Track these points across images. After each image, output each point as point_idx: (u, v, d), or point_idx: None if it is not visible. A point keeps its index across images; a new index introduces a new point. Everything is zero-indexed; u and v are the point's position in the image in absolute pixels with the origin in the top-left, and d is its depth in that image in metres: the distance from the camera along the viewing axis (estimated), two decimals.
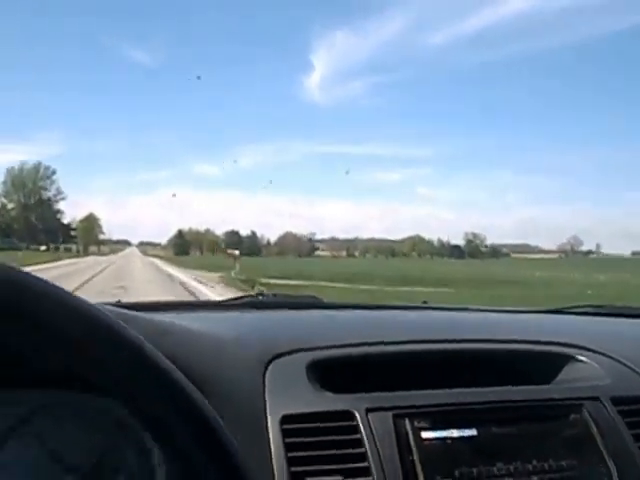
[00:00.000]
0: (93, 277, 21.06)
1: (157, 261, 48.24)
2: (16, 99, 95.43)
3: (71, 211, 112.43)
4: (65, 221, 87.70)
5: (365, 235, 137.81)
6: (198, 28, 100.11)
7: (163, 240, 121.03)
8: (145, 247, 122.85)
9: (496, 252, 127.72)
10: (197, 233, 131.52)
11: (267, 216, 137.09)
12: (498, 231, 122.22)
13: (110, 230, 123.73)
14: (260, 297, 1.53)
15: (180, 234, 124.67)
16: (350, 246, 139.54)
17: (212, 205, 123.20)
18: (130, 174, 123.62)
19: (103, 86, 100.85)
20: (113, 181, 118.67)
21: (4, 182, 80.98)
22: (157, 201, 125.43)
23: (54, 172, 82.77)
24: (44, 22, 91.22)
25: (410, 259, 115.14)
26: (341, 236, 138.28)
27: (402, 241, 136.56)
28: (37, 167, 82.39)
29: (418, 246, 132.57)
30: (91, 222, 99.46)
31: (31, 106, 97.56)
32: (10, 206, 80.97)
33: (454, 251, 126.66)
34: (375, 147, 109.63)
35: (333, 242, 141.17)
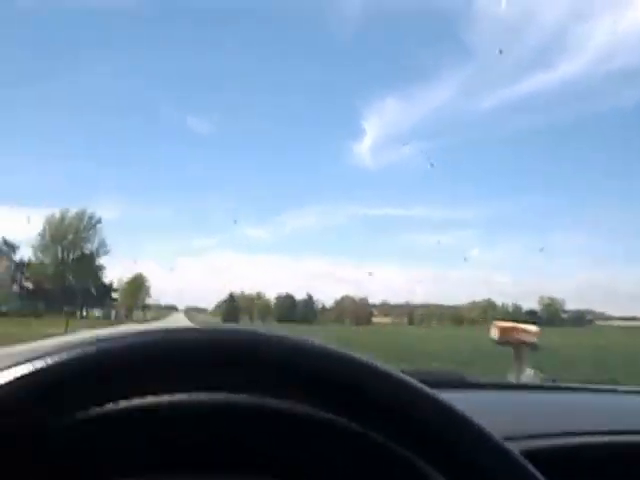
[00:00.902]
0: None
1: None
2: (74, 165, 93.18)
3: (116, 273, 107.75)
4: (106, 280, 76.42)
5: (416, 300, 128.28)
6: (251, 97, 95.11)
7: (210, 305, 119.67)
8: (192, 313, 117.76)
9: (580, 318, 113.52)
10: (248, 297, 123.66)
11: (315, 280, 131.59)
12: (558, 296, 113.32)
13: (159, 295, 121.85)
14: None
15: (232, 298, 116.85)
16: (411, 312, 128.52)
17: (260, 269, 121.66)
18: (181, 240, 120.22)
19: (157, 153, 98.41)
20: (164, 246, 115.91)
21: (41, 233, 67.86)
22: (205, 266, 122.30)
23: (99, 221, 69.09)
24: (102, 90, 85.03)
25: (482, 327, 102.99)
26: (392, 300, 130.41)
27: (468, 306, 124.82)
28: (81, 215, 68.62)
29: (490, 312, 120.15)
30: (138, 284, 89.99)
31: (88, 172, 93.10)
32: (46, 261, 67.65)
33: (529, 317, 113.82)
34: (423, 210, 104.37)
35: (384, 307, 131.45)
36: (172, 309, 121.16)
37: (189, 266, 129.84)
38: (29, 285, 63.79)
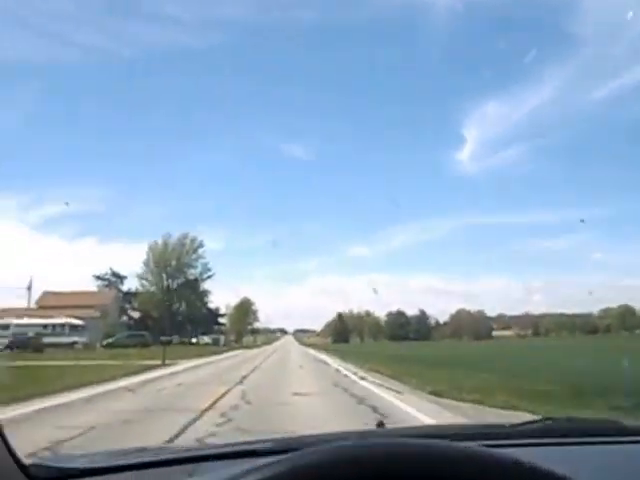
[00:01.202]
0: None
1: (322, 356, 34.66)
2: (184, 203, 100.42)
3: (223, 299, 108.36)
4: (212, 305, 74.30)
5: (535, 310, 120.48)
6: (346, 118, 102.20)
7: (318, 326, 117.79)
8: (300, 335, 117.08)
9: None
10: (357, 317, 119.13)
11: (423, 295, 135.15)
12: None
13: (266, 319, 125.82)
14: (549, 422, 1.42)
15: (340, 318, 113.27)
16: (536, 322, 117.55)
17: (366, 288, 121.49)
18: (285, 264, 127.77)
19: (255, 181, 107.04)
20: (268, 272, 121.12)
21: (145, 261, 66.47)
22: (310, 288, 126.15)
23: (201, 245, 68.07)
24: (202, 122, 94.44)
25: (618, 337, 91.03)
26: (508, 312, 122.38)
27: (600, 313, 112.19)
28: (182, 240, 67.43)
29: (628, 318, 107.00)
30: (245, 308, 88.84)
31: (196, 206, 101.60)
32: (152, 289, 65.85)
33: None
34: (533, 215, 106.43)
35: (502, 319, 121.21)
36: (282, 332, 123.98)
37: (294, 289, 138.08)
38: (136, 315, 63.11)
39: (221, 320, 79.05)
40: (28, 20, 71.70)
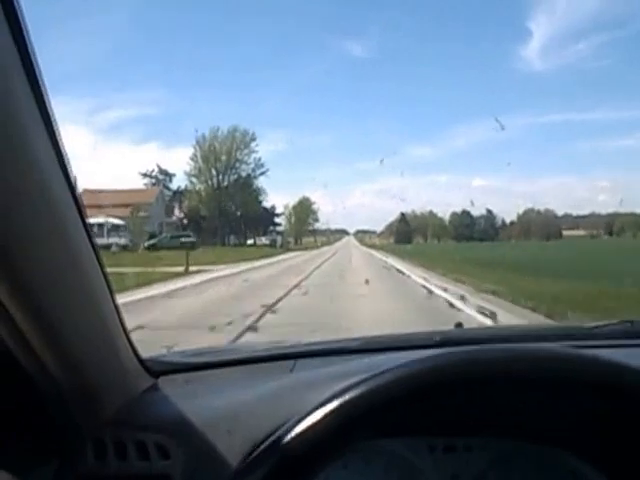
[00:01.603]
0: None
1: (387, 259, 30.70)
2: (245, 102, 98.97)
3: (282, 200, 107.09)
4: (267, 205, 68.67)
5: (602, 210, 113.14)
6: (408, 13, 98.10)
7: (378, 227, 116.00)
8: (361, 235, 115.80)
9: None
10: (420, 217, 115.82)
11: (487, 196, 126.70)
12: None
13: (328, 219, 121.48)
14: (628, 324, 1.37)
15: (403, 218, 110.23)
16: (610, 222, 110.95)
17: (428, 189, 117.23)
18: (345, 164, 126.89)
19: (321, 81, 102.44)
20: (329, 173, 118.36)
21: (193, 157, 60.84)
22: (371, 188, 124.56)
23: (254, 138, 61.60)
24: (265, 23, 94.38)
25: None
26: (574, 212, 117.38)
27: None
28: (232, 133, 60.83)
29: None
30: (305, 208, 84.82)
31: (259, 108, 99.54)
32: (199, 187, 60.93)
33: None
34: (603, 112, 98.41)
35: (568, 219, 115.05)
36: (342, 233, 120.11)
37: (355, 190, 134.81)
38: (183, 214, 58.51)
39: (278, 220, 75.17)
40: None
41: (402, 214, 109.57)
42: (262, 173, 64.01)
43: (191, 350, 1.52)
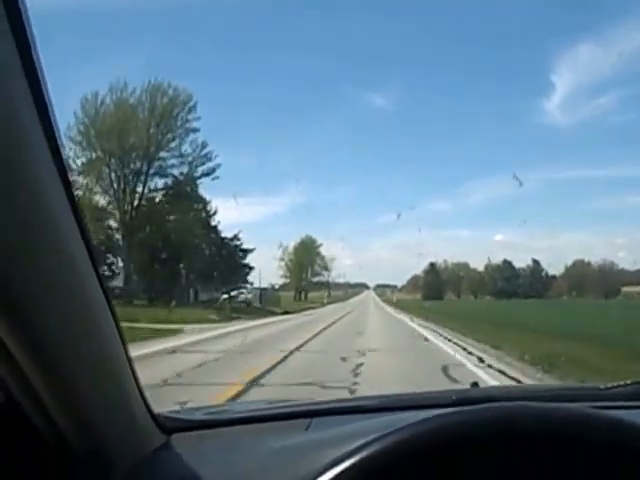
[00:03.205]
0: None
1: (420, 329, 19.94)
2: (267, 156, 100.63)
3: None
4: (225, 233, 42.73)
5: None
6: (428, 68, 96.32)
7: (398, 282, 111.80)
8: (382, 290, 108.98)
9: None
10: (452, 268, 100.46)
11: (508, 251, 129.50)
12: None
13: (346, 273, 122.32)
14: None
15: (433, 269, 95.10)
16: None
17: (447, 243, 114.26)
18: (366, 218, 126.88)
19: (340, 133, 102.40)
20: (348, 225, 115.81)
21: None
22: (390, 242, 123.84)
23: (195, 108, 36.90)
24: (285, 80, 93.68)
25: None
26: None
27: None
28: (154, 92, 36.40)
29: None
30: (308, 250, 67.71)
31: (281, 162, 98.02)
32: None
33: None
34: (627, 168, 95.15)
35: (626, 274, 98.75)
36: (362, 287, 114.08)
37: (374, 243, 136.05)
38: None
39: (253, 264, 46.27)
40: None
41: (431, 264, 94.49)
42: (208, 174, 37.49)
43: (205, 407, 1.53)
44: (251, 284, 44.34)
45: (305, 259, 67.12)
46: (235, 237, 40.51)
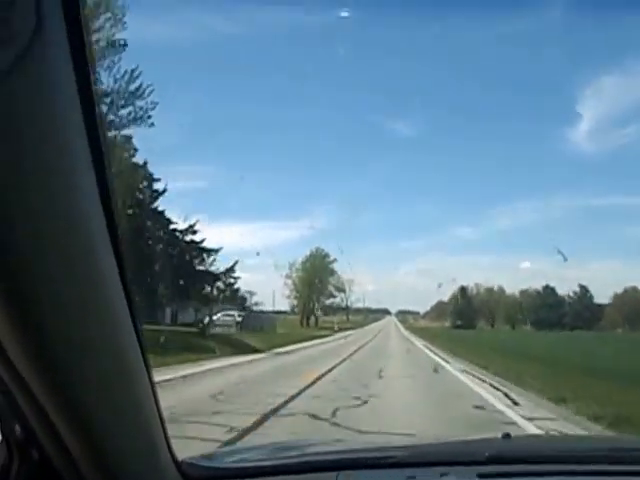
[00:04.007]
0: None
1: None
2: (295, 176, 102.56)
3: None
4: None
5: None
6: (452, 96, 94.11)
7: (420, 308, 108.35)
8: (404, 316, 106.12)
9: None
10: (485, 294, 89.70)
11: (530, 280, 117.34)
12: None
13: (368, 298, 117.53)
14: None
15: (464, 293, 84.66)
16: None
17: (471, 270, 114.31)
18: (389, 243, 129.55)
19: (368, 161, 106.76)
20: (371, 251, 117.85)
21: None
22: (414, 268, 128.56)
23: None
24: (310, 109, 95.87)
25: None
26: None
27: None
28: None
29: None
30: (320, 265, 56.71)
31: (309, 186, 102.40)
32: None
33: None
34: None
35: None
36: (384, 312, 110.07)
37: (398, 268, 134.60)
38: None
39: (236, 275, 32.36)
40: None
41: (462, 288, 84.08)
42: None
43: (229, 452, 1.51)
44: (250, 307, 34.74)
45: (315, 276, 56.48)
46: (190, 228, 27.89)
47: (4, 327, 0.55)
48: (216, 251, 29.32)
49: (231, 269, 30.07)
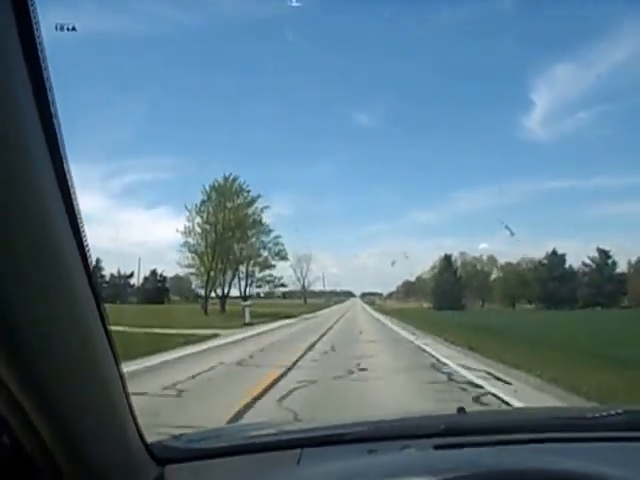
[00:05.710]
0: None
1: None
2: (255, 165, 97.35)
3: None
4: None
5: None
6: (411, 80, 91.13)
7: (385, 290, 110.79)
8: (370, 298, 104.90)
9: None
10: (472, 264, 72.72)
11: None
12: None
13: (334, 282, 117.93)
14: (631, 414, 1.37)
15: (447, 263, 67.30)
16: None
17: (432, 253, 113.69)
18: (351, 228, 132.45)
19: (324, 148, 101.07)
20: (335, 236, 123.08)
21: None
22: (377, 252, 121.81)
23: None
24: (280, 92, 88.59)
25: None
26: None
27: None
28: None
29: None
30: (232, 195, 38.05)
31: (268, 172, 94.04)
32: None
33: None
34: (603, 179, 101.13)
35: None
36: (348, 295, 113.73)
37: (360, 252, 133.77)
38: None
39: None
40: None
41: (446, 256, 66.78)
42: None
43: (197, 434, 1.54)
44: None
45: (225, 223, 35.49)
46: None
47: None
48: None
49: None
